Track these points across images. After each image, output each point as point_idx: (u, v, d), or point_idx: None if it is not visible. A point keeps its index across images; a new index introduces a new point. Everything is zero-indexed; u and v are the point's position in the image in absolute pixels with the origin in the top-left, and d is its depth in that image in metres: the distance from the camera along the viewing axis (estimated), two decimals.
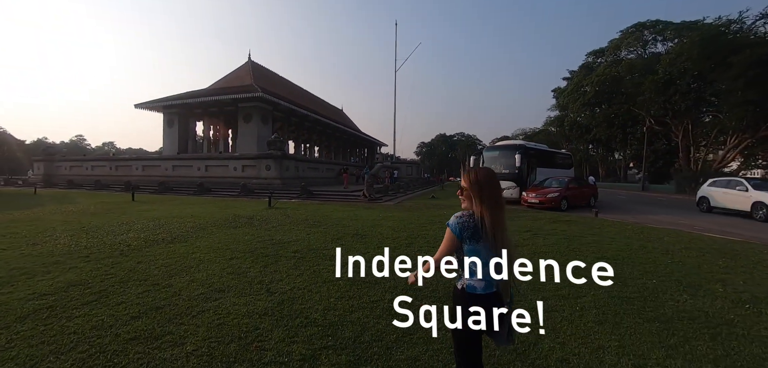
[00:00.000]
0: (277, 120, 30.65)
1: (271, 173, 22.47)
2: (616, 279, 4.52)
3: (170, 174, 26.05)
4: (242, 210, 11.39)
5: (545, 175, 16.99)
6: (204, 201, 15.09)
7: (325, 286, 4.05)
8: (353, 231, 7.72)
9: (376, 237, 7.12)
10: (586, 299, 3.79)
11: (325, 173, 29.96)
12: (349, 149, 52.08)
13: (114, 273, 4.48)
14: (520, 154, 15.81)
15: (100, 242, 6.33)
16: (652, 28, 37.46)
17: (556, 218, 10.84)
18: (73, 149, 71.66)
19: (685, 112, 30.49)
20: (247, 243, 6.28)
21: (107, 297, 3.69)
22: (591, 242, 7.05)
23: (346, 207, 13.21)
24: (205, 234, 7.14)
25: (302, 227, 8.14)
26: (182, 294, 3.76)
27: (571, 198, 14.42)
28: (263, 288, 3.93)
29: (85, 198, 16.33)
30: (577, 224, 9.58)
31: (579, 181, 16.85)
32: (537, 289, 3.89)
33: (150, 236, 6.91)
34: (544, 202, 13.64)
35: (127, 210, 11.76)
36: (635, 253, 6.11)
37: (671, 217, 12.59)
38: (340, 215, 10.54)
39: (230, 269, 4.66)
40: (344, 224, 8.70)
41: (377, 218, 9.96)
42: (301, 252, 5.57)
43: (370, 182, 16.89)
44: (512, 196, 15.81)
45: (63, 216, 9.95)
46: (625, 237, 7.64)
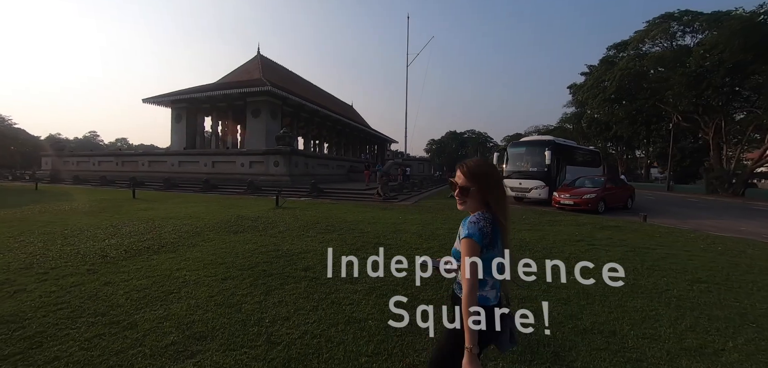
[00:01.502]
0: (286, 115, 29.63)
1: (279, 170, 21.43)
2: (752, 323, 3.26)
3: (176, 170, 25.23)
4: (247, 210, 10.30)
5: (574, 174, 15.59)
6: (208, 200, 14.07)
7: (352, 330, 2.86)
8: (374, 239, 6.53)
9: (401, 247, 5.93)
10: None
11: (336, 170, 28.85)
12: (359, 146, 50.92)
13: (67, 301, 3.36)
14: (550, 150, 14.39)
15: (73, 251, 5.25)
16: (680, 19, 35.31)
17: (600, 223, 9.50)
18: (85, 145, 71.98)
19: (718, 108, 28.55)
20: (247, 255, 5.13)
21: (36, 349, 2.56)
22: (665, 256, 5.73)
23: (360, 207, 12.04)
24: (200, 241, 6.03)
25: (314, 233, 6.97)
26: (145, 343, 2.61)
27: (609, 199, 13.02)
28: (262, 335, 2.76)
29: (84, 195, 15.47)
30: (630, 231, 8.24)
31: (615, 180, 15.37)
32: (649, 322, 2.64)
33: (134, 243, 5.83)
34: (580, 204, 12.26)
35: (122, 209, 10.78)
36: (730, 273, 4.80)
37: (724, 222, 11.20)
38: (356, 217, 9.36)
39: (220, 297, 3.50)
40: (362, 229, 7.51)
41: (397, 221, 8.76)
42: (314, 271, 4.38)
43: (384, 180, 15.68)
44: (541, 197, 14.44)
45: (50, 217, 8.97)
46: (702, 251, 6.31)
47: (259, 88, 24.54)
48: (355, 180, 28.27)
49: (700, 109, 29.95)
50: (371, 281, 3.82)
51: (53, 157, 31.10)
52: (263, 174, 21.67)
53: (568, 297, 3.65)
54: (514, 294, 3.63)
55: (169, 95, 29.01)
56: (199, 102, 28.82)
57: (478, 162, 1.55)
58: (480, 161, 1.56)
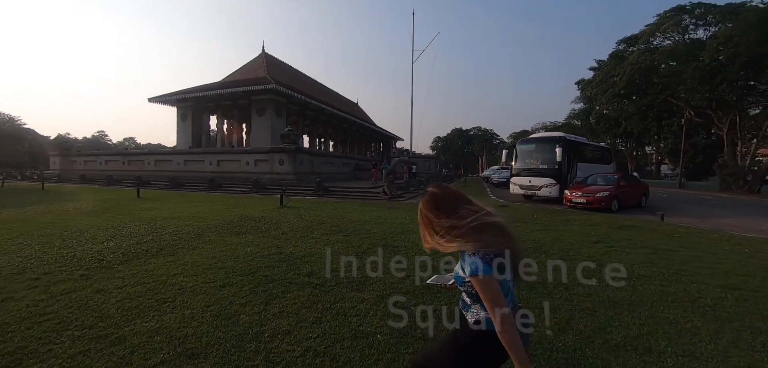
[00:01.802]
0: (291, 113, 29.46)
1: (284, 168, 21.25)
2: None
3: (182, 169, 25.19)
4: (251, 210, 10.10)
5: (585, 171, 15.18)
6: (212, 199, 13.92)
7: (359, 347, 2.60)
8: (380, 240, 6.26)
9: (411, 249, 5.65)
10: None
11: (341, 168, 28.63)
12: (364, 144, 50.66)
13: (55, 311, 3.15)
14: (561, 146, 13.98)
15: (69, 255, 5.07)
16: (692, 12, 34.43)
17: (615, 222, 9.14)
18: (94, 145, 72.63)
19: (733, 103, 27.79)
20: (248, 258, 4.90)
21: (15, 367, 2.34)
22: (690, 259, 5.39)
23: (366, 206, 11.78)
24: (201, 243, 5.82)
25: (319, 234, 6.73)
26: (132, 362, 2.38)
27: (622, 197, 12.61)
28: (260, 352, 2.51)
29: (89, 195, 15.41)
30: (648, 231, 7.88)
31: (629, 177, 14.91)
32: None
33: (133, 245, 5.63)
34: (593, 202, 11.87)
35: (126, 209, 10.64)
36: (765, 278, 4.46)
37: (745, 221, 10.78)
38: (362, 216, 9.10)
39: (217, 307, 3.26)
40: (368, 230, 7.25)
41: (405, 221, 8.48)
42: (318, 277, 4.13)
43: (390, 178, 15.41)
44: (551, 195, 14.05)
45: (52, 217, 8.85)
46: (728, 252, 5.96)
47: (264, 87, 24.37)
48: (361, 178, 28.02)
49: (714, 103, 29.22)
50: (380, 288, 3.56)
51: (61, 156, 31.28)
52: (268, 172, 21.51)
53: (593, 307, 3.35)
54: (535, 303, 3.35)
55: (174, 94, 28.99)
56: (204, 101, 28.76)
57: (447, 195, 1.44)
58: (448, 193, 1.46)
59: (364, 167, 31.61)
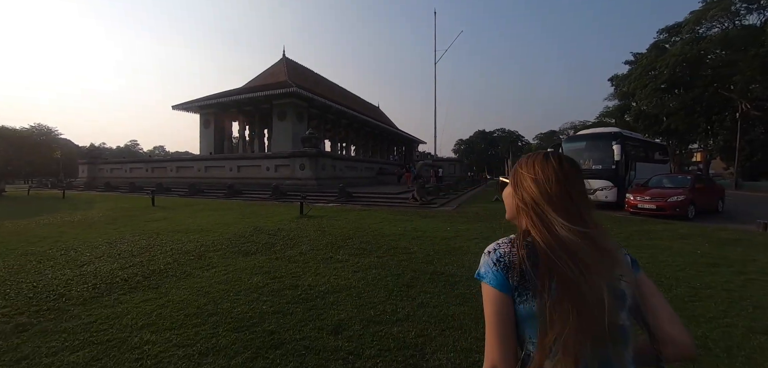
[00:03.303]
0: (312, 117, 28.55)
1: (305, 173, 20.16)
2: None
3: (203, 175, 24.66)
4: (267, 220, 8.90)
5: (644, 171, 13.19)
6: (228, 207, 12.89)
7: None
8: (427, 265, 4.82)
9: (470, 279, 4.18)
10: None
11: (364, 172, 27.37)
12: (387, 147, 49.32)
13: None
14: (619, 143, 12.05)
15: (30, 286, 3.91)
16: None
17: (709, 234, 7.33)
18: (125, 153, 74.91)
19: None
20: (252, 297, 3.57)
21: None
22: None
23: (396, 215, 10.35)
24: (198, 269, 4.57)
25: (345, 255, 5.36)
26: None
27: (699, 202, 10.61)
28: None
29: (105, 203, 14.79)
30: (756, 246, 6.09)
31: (703, 178, 12.75)
32: None
33: (115, 271, 4.45)
34: (665, 209, 9.93)
35: (134, 219, 9.71)
36: None
37: None
38: (394, 229, 7.68)
39: None
40: (406, 247, 5.83)
41: (449, 235, 7.00)
42: (349, 334, 2.73)
43: (421, 183, 13.94)
44: (608, 199, 12.16)
45: (49, 230, 7.94)
46: None
47: (285, 90, 23.56)
48: (385, 183, 26.66)
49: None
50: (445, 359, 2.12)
51: (89, 165, 31.70)
52: (289, 177, 20.49)
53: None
54: None
55: (196, 101, 28.71)
56: (225, 106, 28.35)
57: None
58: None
59: (388, 171, 30.24)
